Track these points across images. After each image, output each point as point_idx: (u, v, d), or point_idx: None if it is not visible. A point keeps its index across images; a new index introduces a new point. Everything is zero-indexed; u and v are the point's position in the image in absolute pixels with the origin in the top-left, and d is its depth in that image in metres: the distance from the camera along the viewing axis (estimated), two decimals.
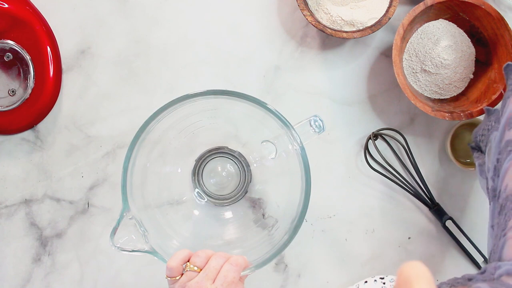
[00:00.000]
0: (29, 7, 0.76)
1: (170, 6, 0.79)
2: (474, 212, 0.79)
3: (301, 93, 0.79)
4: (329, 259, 0.78)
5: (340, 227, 0.78)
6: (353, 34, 0.73)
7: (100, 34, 0.79)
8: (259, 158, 0.75)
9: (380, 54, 0.79)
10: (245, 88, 0.77)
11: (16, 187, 0.78)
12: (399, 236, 0.78)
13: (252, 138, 0.75)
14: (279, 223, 0.69)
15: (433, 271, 0.78)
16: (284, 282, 0.77)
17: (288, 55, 0.79)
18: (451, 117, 0.71)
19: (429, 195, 0.77)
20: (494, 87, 0.73)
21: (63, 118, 0.78)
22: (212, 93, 0.64)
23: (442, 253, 0.78)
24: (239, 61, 0.79)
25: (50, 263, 0.77)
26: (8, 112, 0.76)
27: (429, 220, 0.78)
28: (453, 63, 0.74)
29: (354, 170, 0.78)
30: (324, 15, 0.76)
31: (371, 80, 0.79)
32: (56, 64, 0.77)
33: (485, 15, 0.72)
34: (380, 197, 0.78)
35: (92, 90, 0.78)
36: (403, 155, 0.78)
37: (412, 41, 0.76)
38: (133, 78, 0.78)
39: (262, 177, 0.75)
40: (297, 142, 0.64)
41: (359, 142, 0.78)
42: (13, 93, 0.76)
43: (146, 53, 0.79)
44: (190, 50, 0.79)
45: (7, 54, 0.75)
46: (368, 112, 0.79)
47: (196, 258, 0.56)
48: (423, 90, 0.76)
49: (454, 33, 0.75)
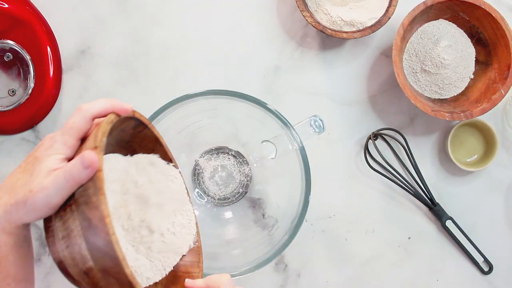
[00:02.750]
0: (29, 7, 0.76)
1: (170, 6, 0.79)
2: (474, 212, 0.79)
3: (301, 93, 0.79)
4: (329, 259, 0.78)
5: (340, 227, 0.78)
6: (353, 34, 0.73)
7: (100, 34, 0.79)
8: (259, 158, 0.75)
9: (380, 54, 0.79)
10: (245, 88, 0.77)
11: None
12: (399, 236, 0.78)
13: (252, 138, 0.75)
14: (279, 223, 0.69)
15: (433, 271, 0.78)
16: (284, 282, 0.77)
17: (288, 55, 0.79)
18: (451, 117, 0.71)
19: (429, 195, 0.77)
20: (494, 87, 0.73)
21: (63, 118, 0.78)
22: (212, 93, 0.64)
23: (442, 253, 0.78)
24: (239, 61, 0.79)
25: (50, 263, 0.77)
26: (8, 112, 0.76)
27: (429, 220, 0.78)
28: (453, 63, 0.74)
29: (354, 170, 0.78)
30: (324, 16, 0.76)
31: (371, 80, 0.79)
32: (56, 64, 0.77)
33: (485, 15, 0.72)
34: (380, 197, 0.78)
35: (92, 90, 0.78)
36: (403, 155, 0.78)
37: (412, 41, 0.76)
38: (133, 78, 0.78)
39: (262, 177, 0.75)
40: (297, 142, 0.64)
41: (359, 142, 0.78)
42: (13, 93, 0.76)
43: (146, 53, 0.79)
44: (190, 50, 0.79)
45: (7, 54, 0.75)
46: (368, 112, 0.79)
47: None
48: (423, 90, 0.76)
49: (454, 33, 0.75)
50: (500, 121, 0.79)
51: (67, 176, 0.41)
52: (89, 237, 0.40)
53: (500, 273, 0.78)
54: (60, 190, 0.41)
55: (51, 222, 0.43)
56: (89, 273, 0.42)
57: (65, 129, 0.45)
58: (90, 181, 0.41)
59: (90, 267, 0.41)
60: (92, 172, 0.41)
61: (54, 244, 0.43)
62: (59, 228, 0.42)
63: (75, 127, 0.45)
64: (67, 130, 0.45)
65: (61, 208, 0.43)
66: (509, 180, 0.79)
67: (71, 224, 0.41)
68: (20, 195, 0.42)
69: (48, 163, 0.43)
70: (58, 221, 0.43)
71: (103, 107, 0.46)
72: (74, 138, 0.45)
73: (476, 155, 0.79)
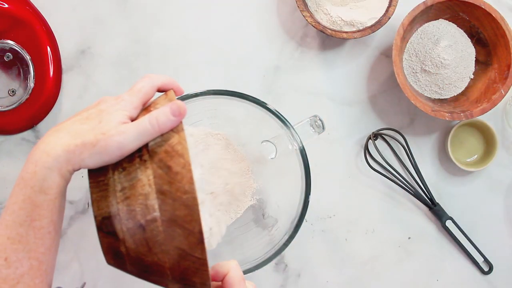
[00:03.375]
0: (29, 7, 0.76)
1: (170, 6, 0.79)
2: (474, 212, 0.79)
3: (301, 93, 0.79)
4: (329, 259, 0.78)
5: (340, 227, 0.78)
6: (353, 34, 0.73)
7: (100, 34, 0.79)
8: (259, 158, 0.75)
9: (380, 54, 0.79)
10: (245, 88, 0.77)
11: None
12: (399, 236, 0.78)
13: (252, 138, 0.75)
14: (279, 223, 0.69)
15: (433, 271, 0.78)
16: (284, 282, 0.77)
17: (288, 55, 0.79)
18: (451, 117, 0.71)
19: (429, 195, 0.77)
20: (494, 87, 0.73)
21: (63, 118, 0.78)
22: (212, 93, 0.64)
23: (442, 253, 0.78)
24: (239, 61, 0.79)
25: None
26: (8, 112, 0.76)
27: (429, 220, 0.78)
28: (453, 63, 0.74)
29: (354, 170, 0.78)
30: (324, 16, 0.76)
31: (371, 80, 0.79)
32: (56, 64, 0.77)
33: (485, 15, 0.72)
34: (380, 197, 0.78)
35: (92, 90, 0.78)
36: (403, 155, 0.78)
37: (412, 41, 0.76)
38: (133, 78, 0.78)
39: (262, 177, 0.75)
40: (297, 142, 0.64)
41: (359, 142, 0.78)
42: (13, 93, 0.76)
43: (146, 53, 0.79)
44: (190, 50, 0.79)
45: (7, 54, 0.75)
46: (368, 112, 0.79)
47: None
48: (423, 90, 0.76)
49: (454, 33, 0.75)
50: (500, 121, 0.79)
51: (153, 122, 0.42)
52: (162, 186, 0.41)
53: (500, 273, 0.78)
54: (141, 136, 0.42)
55: (105, 175, 0.43)
56: (148, 226, 0.41)
57: (133, 91, 0.46)
58: (171, 132, 0.42)
59: (153, 218, 0.41)
60: (178, 121, 0.43)
61: (104, 198, 0.42)
62: (120, 179, 0.42)
63: (143, 91, 0.47)
64: (136, 92, 0.46)
65: (124, 159, 0.42)
66: (509, 180, 0.79)
67: (140, 174, 0.41)
68: (90, 136, 0.42)
69: (117, 115, 0.44)
70: (119, 172, 0.42)
71: (167, 81, 0.49)
72: (140, 100, 0.46)
73: (476, 155, 0.79)
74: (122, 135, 0.42)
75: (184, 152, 0.41)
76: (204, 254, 0.41)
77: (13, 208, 0.41)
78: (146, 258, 0.42)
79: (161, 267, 0.42)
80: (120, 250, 0.42)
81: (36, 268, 0.42)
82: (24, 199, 0.41)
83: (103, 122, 0.43)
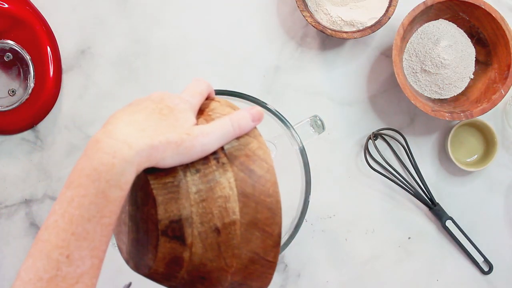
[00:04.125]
0: (29, 7, 0.76)
1: (170, 6, 0.79)
2: (474, 212, 0.79)
3: (301, 93, 0.79)
4: (329, 259, 0.78)
5: (340, 227, 0.78)
6: (353, 34, 0.73)
7: (100, 34, 0.79)
8: None
9: (380, 54, 0.79)
10: (245, 88, 0.77)
11: (16, 187, 0.78)
12: (399, 236, 0.78)
13: None
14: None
15: (433, 271, 0.78)
16: (284, 282, 0.77)
17: (288, 55, 0.79)
18: (451, 117, 0.71)
19: (429, 195, 0.77)
20: (494, 87, 0.73)
21: (63, 118, 0.78)
22: None
23: (442, 253, 0.78)
24: (239, 61, 0.79)
25: None
26: (8, 112, 0.76)
27: (429, 220, 0.78)
28: (453, 63, 0.74)
29: (354, 170, 0.78)
30: (324, 16, 0.76)
31: (371, 80, 0.79)
32: (56, 64, 0.77)
33: (485, 15, 0.72)
34: (380, 197, 0.78)
35: (92, 90, 0.78)
36: (403, 155, 0.78)
37: (412, 41, 0.76)
38: (133, 78, 0.78)
39: None
40: (297, 142, 0.64)
41: (359, 142, 0.78)
42: (13, 93, 0.76)
43: (146, 53, 0.79)
44: (190, 50, 0.79)
45: (7, 54, 0.75)
46: (368, 112, 0.79)
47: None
48: (423, 90, 0.76)
49: (454, 33, 0.75)
50: (500, 121, 0.79)
51: (235, 125, 0.42)
52: (245, 189, 0.40)
53: (500, 273, 0.78)
54: (222, 138, 0.42)
55: (174, 177, 0.40)
56: (225, 229, 0.40)
57: (194, 94, 0.46)
58: (247, 136, 0.43)
59: (232, 221, 0.40)
60: (254, 126, 0.43)
61: (175, 200, 0.40)
62: (194, 181, 0.40)
63: (203, 94, 0.47)
64: (196, 94, 0.46)
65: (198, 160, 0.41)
66: (509, 180, 0.79)
67: (218, 176, 0.40)
68: (174, 135, 0.40)
69: (190, 116, 0.43)
70: (192, 174, 0.40)
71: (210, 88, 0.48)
72: (200, 104, 0.46)
73: (476, 155, 0.79)
74: (207, 137, 0.40)
75: (266, 157, 0.42)
76: (277, 258, 0.42)
77: (82, 202, 0.37)
78: (210, 264, 0.40)
79: (224, 272, 0.41)
80: (181, 256, 0.40)
81: (96, 267, 0.38)
82: (96, 193, 0.37)
83: (180, 121, 0.41)
